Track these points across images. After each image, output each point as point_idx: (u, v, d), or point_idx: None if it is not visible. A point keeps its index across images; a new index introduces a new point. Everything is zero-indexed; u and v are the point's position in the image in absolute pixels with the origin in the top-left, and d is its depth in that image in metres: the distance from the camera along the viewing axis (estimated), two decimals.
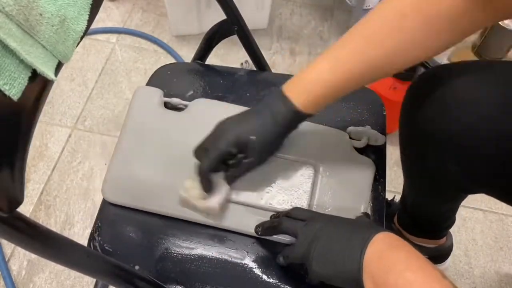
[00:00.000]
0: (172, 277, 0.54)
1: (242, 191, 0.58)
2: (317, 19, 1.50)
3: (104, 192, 0.58)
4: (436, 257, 0.95)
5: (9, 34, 0.29)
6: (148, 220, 0.57)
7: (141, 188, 0.58)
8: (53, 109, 1.25)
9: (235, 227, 0.56)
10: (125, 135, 0.62)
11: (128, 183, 0.58)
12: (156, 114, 0.63)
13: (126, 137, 0.62)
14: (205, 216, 0.56)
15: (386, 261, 0.43)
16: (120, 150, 0.61)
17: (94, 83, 1.31)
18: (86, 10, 0.37)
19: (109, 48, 1.39)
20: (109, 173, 0.59)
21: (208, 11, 1.33)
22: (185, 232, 0.57)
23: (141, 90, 0.66)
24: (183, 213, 0.56)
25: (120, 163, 0.60)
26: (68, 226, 1.06)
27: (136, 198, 0.57)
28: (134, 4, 1.49)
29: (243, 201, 0.58)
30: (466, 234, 1.10)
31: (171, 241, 0.56)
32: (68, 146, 1.19)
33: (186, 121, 0.63)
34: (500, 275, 1.05)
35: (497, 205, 1.14)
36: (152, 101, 0.64)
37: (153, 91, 0.65)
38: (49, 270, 1.00)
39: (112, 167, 0.59)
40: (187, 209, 0.56)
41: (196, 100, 0.65)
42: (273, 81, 0.73)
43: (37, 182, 1.12)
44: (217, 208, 0.54)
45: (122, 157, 0.60)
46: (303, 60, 1.39)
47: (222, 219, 0.56)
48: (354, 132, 0.64)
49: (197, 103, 0.65)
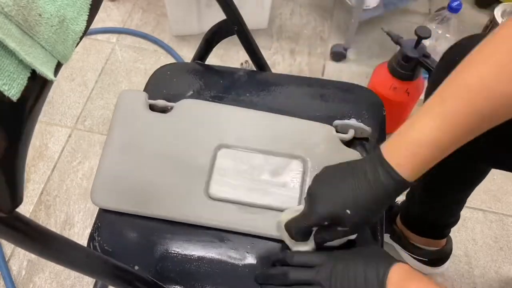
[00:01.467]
0: (172, 277, 0.54)
1: (233, 189, 0.58)
2: (317, 19, 1.50)
3: (93, 198, 0.57)
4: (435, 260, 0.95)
5: (8, 35, 0.29)
6: (148, 220, 0.57)
7: (130, 192, 0.58)
8: (53, 109, 1.25)
9: (228, 226, 0.56)
10: (111, 140, 0.61)
11: (117, 188, 0.58)
12: (142, 117, 0.63)
13: (112, 142, 0.61)
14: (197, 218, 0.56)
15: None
16: (106, 155, 0.60)
17: (94, 83, 1.31)
18: (85, 10, 0.37)
19: (109, 48, 1.39)
20: (97, 179, 0.59)
21: (208, 11, 1.33)
22: (185, 233, 0.57)
23: (125, 94, 0.65)
24: (171, 215, 0.56)
25: (107, 168, 0.59)
26: (68, 226, 1.07)
27: (126, 202, 0.57)
28: (134, 4, 1.49)
29: (235, 200, 0.58)
30: (466, 234, 1.10)
31: (171, 241, 0.56)
32: (68, 146, 1.19)
33: (171, 123, 0.62)
34: (500, 275, 1.05)
35: (497, 205, 1.14)
36: (136, 104, 0.63)
37: (137, 94, 0.65)
38: (49, 270, 1.00)
39: (99, 173, 0.59)
40: (174, 211, 0.56)
41: (181, 101, 0.64)
42: (273, 81, 0.73)
43: (37, 182, 1.12)
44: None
45: (109, 162, 0.60)
46: (303, 60, 1.39)
47: (214, 219, 0.56)
48: (340, 126, 0.64)
49: (182, 104, 0.64)
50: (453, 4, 1.13)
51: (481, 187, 0.77)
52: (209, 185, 0.58)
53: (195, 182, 0.58)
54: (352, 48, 1.40)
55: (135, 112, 0.63)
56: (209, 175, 0.59)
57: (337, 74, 1.37)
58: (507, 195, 1.16)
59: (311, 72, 1.36)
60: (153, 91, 0.69)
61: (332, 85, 0.72)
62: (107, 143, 0.61)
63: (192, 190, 0.58)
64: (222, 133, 0.62)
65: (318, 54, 1.41)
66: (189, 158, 0.60)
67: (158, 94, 0.68)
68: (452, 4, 1.13)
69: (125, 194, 0.57)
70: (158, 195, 0.57)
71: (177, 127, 0.62)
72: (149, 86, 0.70)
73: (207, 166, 0.59)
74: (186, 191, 0.58)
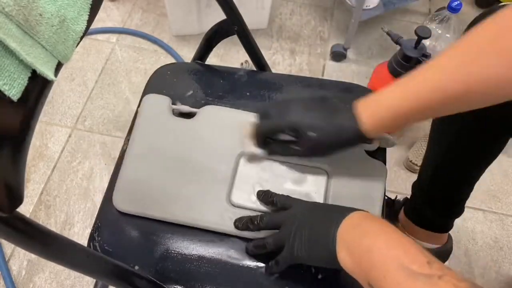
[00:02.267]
0: (172, 277, 0.54)
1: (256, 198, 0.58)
2: (317, 19, 1.50)
3: (116, 202, 0.57)
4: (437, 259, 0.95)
5: (9, 35, 0.29)
6: (148, 220, 0.57)
7: (152, 197, 0.57)
8: (53, 109, 1.25)
9: (250, 234, 0.55)
10: (134, 144, 0.61)
11: (139, 192, 0.58)
12: (165, 122, 0.63)
13: (136, 146, 0.61)
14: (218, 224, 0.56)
15: (361, 228, 0.44)
16: (130, 159, 0.60)
17: (94, 83, 1.31)
18: (85, 10, 0.37)
19: (109, 48, 1.39)
20: (119, 183, 0.58)
21: (208, 11, 1.33)
22: (186, 232, 0.57)
23: (149, 98, 0.65)
24: (194, 221, 0.56)
25: (130, 172, 0.59)
26: (68, 226, 1.07)
27: (149, 207, 0.57)
28: (134, 4, 1.49)
29: (257, 208, 0.57)
30: (466, 234, 1.10)
31: (171, 241, 0.56)
32: (68, 146, 1.19)
33: (195, 129, 0.62)
34: (500, 275, 1.05)
35: (497, 205, 1.14)
36: (160, 108, 0.64)
37: (161, 98, 0.65)
38: (49, 270, 1.00)
39: (121, 177, 0.59)
40: (196, 217, 0.56)
41: (205, 107, 0.65)
42: (273, 81, 0.73)
43: (37, 182, 1.12)
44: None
45: (133, 165, 0.59)
46: (303, 60, 1.39)
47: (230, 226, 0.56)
48: None
49: (206, 110, 0.64)
50: (453, 4, 1.13)
51: (481, 187, 0.77)
52: (231, 192, 0.58)
53: (218, 189, 0.58)
54: (352, 48, 1.40)
55: (159, 116, 0.63)
56: (231, 182, 0.59)
57: (337, 74, 1.37)
58: (507, 195, 1.16)
59: (311, 72, 1.37)
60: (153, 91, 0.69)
61: (332, 85, 0.72)
62: (130, 146, 0.61)
63: (215, 196, 0.57)
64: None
65: (318, 54, 1.41)
66: (211, 165, 0.60)
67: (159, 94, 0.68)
68: (452, 4, 1.13)
69: (147, 199, 0.57)
70: (180, 201, 0.57)
71: (200, 133, 0.62)
72: (150, 86, 0.70)
73: (230, 173, 0.59)
74: (208, 197, 0.57)
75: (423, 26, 1.03)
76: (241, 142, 0.60)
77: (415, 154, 1.14)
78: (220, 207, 0.57)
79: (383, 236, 0.42)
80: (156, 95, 0.66)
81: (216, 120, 0.63)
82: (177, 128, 0.62)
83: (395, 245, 0.40)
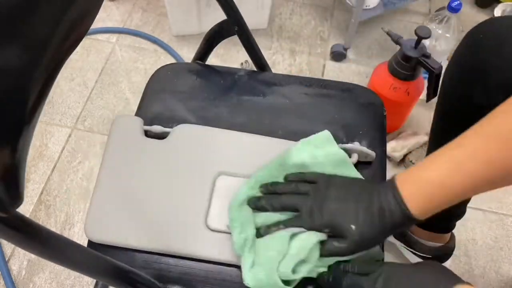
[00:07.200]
0: (172, 277, 0.54)
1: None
2: (317, 19, 1.50)
3: (88, 232, 0.55)
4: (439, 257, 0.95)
5: None
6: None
7: (126, 225, 0.55)
8: (53, 109, 1.25)
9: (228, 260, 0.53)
10: (106, 169, 0.59)
11: (112, 220, 0.55)
12: (137, 144, 0.60)
13: (107, 171, 0.59)
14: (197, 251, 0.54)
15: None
16: (101, 185, 0.58)
17: (94, 83, 1.31)
18: None
19: (109, 48, 1.39)
20: (91, 211, 0.56)
21: (208, 11, 1.33)
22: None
23: (120, 120, 0.63)
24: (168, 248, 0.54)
25: (102, 199, 0.57)
26: (68, 226, 1.07)
27: (122, 236, 0.54)
28: (134, 4, 1.49)
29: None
30: (466, 234, 1.10)
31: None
32: (68, 146, 1.19)
33: (168, 149, 0.60)
34: (500, 275, 1.05)
35: (497, 205, 1.14)
36: (132, 130, 0.61)
37: (132, 120, 0.62)
38: (49, 270, 1.00)
39: (93, 205, 0.56)
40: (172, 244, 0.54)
41: (178, 127, 0.62)
42: (273, 81, 0.73)
43: (37, 182, 1.12)
44: None
45: (104, 193, 0.57)
46: (303, 60, 1.40)
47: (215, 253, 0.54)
48: (343, 149, 0.59)
49: (178, 129, 0.61)
50: (453, 4, 1.13)
51: None
52: (208, 216, 0.56)
53: (194, 213, 0.55)
54: (352, 48, 1.40)
55: (130, 139, 0.60)
56: (208, 205, 0.56)
57: (337, 74, 1.37)
58: (507, 195, 1.16)
59: (311, 72, 1.36)
60: (153, 91, 0.69)
61: (332, 85, 0.72)
62: (101, 171, 0.58)
63: (191, 221, 0.55)
64: (221, 159, 0.59)
65: (318, 54, 1.41)
66: (186, 187, 0.57)
67: (159, 94, 0.68)
68: (452, 4, 1.13)
69: (121, 228, 0.55)
70: (155, 227, 0.55)
71: (173, 154, 0.59)
72: (150, 86, 0.70)
73: (206, 195, 0.57)
74: (185, 222, 0.55)
75: (423, 26, 1.03)
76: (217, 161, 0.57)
77: (415, 154, 1.14)
78: (196, 233, 0.54)
79: None
80: (127, 116, 0.63)
81: (190, 139, 0.61)
82: (149, 150, 0.59)
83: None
